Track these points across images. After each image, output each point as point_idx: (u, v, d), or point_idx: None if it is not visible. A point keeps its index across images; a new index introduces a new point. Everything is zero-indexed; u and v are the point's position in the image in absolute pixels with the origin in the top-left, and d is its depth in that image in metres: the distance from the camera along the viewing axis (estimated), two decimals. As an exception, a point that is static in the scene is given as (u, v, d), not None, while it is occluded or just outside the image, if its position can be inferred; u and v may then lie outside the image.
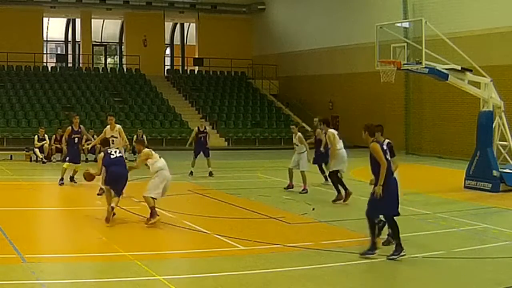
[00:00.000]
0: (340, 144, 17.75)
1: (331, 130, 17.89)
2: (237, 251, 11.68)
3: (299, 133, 19.64)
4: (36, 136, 28.08)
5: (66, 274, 10.12)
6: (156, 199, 14.00)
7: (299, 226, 14.41)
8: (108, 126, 18.93)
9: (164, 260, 11.29)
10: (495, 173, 19.64)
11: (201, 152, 23.36)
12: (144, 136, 29.45)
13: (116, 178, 14.03)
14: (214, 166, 23.39)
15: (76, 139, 20.70)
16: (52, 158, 27.54)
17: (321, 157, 20.13)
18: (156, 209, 15.57)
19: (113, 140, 17.93)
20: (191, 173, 23.14)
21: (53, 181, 20.55)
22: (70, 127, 20.88)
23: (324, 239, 12.71)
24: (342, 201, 17.15)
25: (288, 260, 11.10)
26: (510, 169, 20.11)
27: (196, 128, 24.02)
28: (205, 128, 24.06)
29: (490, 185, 19.65)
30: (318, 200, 17.80)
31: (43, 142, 27.62)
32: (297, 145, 19.47)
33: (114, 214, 13.86)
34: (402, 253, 11.03)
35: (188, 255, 11.74)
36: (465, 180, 20.46)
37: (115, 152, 14.45)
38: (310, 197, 18.18)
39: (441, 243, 12.81)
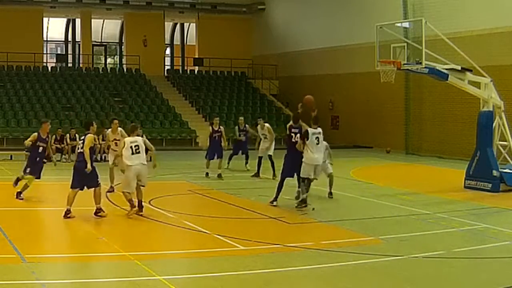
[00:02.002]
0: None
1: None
2: (237, 251, 11.69)
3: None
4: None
5: (66, 274, 10.12)
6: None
7: (299, 226, 14.42)
8: (110, 130, 18.78)
9: (164, 260, 11.29)
10: (495, 173, 19.63)
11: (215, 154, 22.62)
12: (144, 136, 29.41)
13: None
14: (213, 166, 23.38)
15: (41, 148, 17.11)
16: (52, 158, 27.44)
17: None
18: (156, 209, 15.65)
19: (116, 143, 17.89)
20: (207, 174, 22.58)
21: (54, 181, 20.55)
22: (36, 133, 17.11)
23: (324, 239, 12.72)
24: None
25: (288, 260, 11.10)
26: (510, 169, 20.10)
27: (210, 128, 23.28)
28: (219, 127, 23.09)
29: (490, 185, 19.64)
30: (318, 200, 17.79)
31: None
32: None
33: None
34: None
35: (188, 255, 11.74)
36: (465, 180, 20.46)
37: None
38: (310, 197, 18.16)
39: (441, 243, 12.82)
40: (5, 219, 13.99)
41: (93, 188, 14.64)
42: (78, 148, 14.81)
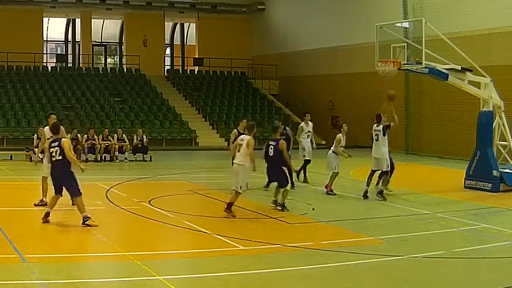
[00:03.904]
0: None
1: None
2: (237, 251, 11.68)
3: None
4: (35, 135, 27.92)
5: (66, 274, 10.11)
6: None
7: (299, 226, 14.41)
8: (47, 127, 15.66)
9: (164, 260, 11.28)
10: (495, 173, 19.63)
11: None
12: (144, 136, 29.45)
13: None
14: (213, 166, 23.36)
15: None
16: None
17: None
18: (157, 209, 15.61)
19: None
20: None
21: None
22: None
23: (324, 239, 12.72)
24: None
25: (288, 260, 11.09)
26: (510, 169, 20.10)
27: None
28: (285, 129, 19.17)
29: (490, 185, 19.64)
30: (318, 200, 17.81)
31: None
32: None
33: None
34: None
35: (188, 255, 11.74)
36: (465, 180, 20.45)
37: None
38: (310, 197, 18.19)
39: (441, 243, 12.82)
40: (5, 219, 13.98)
41: (59, 196, 13.99)
42: (53, 156, 13.63)
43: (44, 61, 44.69)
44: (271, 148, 15.67)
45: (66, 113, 36.81)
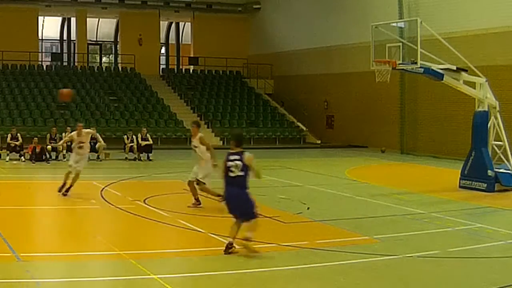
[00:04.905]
0: None
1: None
2: (232, 250, 11.65)
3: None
4: (10, 135, 27.52)
5: (60, 273, 10.10)
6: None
7: (294, 225, 14.41)
8: (75, 132, 18.04)
9: (159, 259, 11.26)
10: (490, 173, 19.65)
11: None
12: (148, 135, 29.26)
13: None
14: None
15: None
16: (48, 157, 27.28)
17: None
18: (151, 208, 15.58)
19: (81, 146, 17.68)
20: None
21: (48, 180, 20.49)
22: None
23: (319, 239, 12.72)
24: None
25: (283, 259, 11.09)
26: (505, 169, 20.14)
27: None
28: None
29: (485, 185, 19.65)
30: (313, 199, 17.81)
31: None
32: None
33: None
34: None
35: (183, 254, 11.71)
36: (460, 180, 20.47)
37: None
38: (305, 196, 18.19)
39: (436, 242, 12.82)
40: (0, 218, 13.94)
41: None
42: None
43: (39, 59, 44.57)
44: None
45: (61, 112, 36.76)
